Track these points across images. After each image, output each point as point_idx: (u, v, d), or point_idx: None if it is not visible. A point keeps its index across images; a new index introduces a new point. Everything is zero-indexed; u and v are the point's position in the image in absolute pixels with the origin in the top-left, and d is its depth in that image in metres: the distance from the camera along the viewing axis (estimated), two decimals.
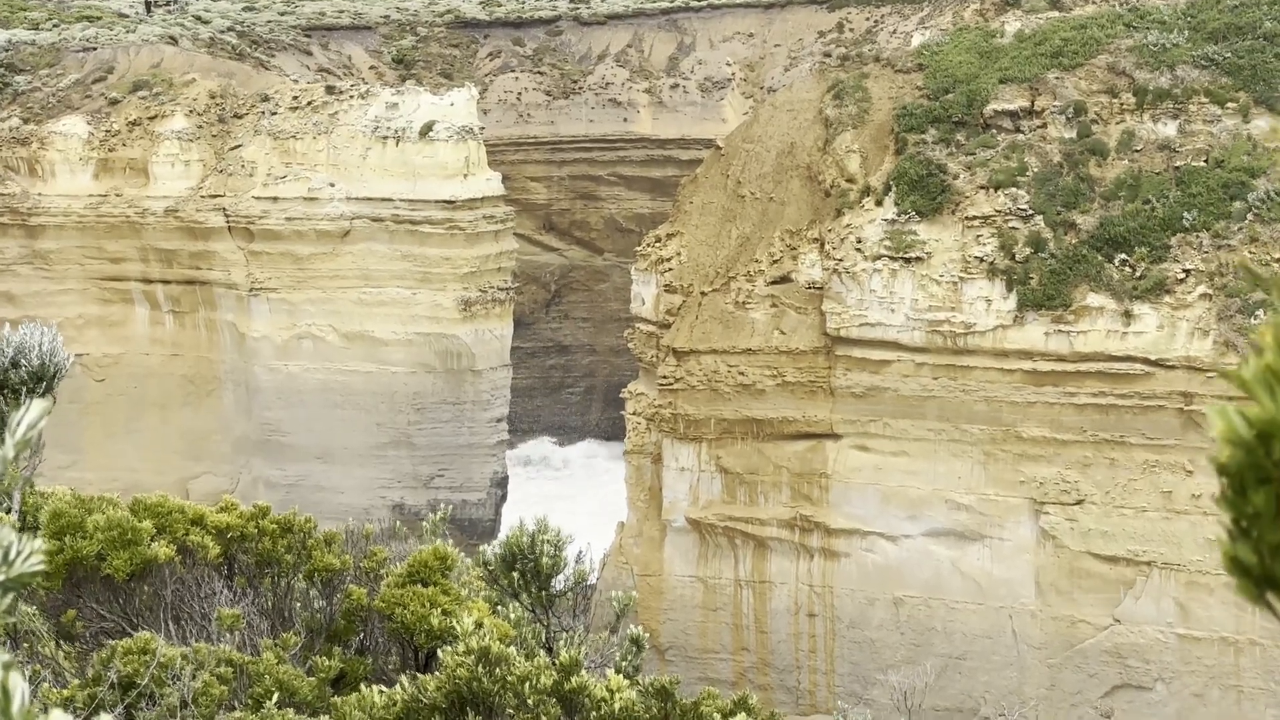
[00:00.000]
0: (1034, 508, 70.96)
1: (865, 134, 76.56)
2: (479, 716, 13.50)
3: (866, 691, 70.37)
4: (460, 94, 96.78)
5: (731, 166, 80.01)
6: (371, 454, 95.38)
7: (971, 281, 71.44)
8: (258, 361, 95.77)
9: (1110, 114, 74.71)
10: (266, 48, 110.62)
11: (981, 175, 73.22)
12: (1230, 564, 2.55)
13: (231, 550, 16.29)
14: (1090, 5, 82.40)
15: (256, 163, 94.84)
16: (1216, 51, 76.01)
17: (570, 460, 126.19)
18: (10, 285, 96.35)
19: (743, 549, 76.10)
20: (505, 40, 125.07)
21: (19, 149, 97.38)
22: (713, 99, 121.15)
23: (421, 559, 16.28)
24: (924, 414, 72.37)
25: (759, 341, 74.59)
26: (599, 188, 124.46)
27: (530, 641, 15.16)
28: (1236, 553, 2.52)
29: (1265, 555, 2.52)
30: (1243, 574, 2.53)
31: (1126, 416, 69.05)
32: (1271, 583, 2.55)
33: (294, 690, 13.77)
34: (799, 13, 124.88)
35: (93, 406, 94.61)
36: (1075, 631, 70.99)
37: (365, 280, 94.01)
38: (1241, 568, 2.52)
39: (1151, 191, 71.63)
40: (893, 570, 73.52)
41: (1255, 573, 2.53)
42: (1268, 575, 2.54)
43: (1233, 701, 67.21)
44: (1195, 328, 68.19)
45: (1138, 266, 69.75)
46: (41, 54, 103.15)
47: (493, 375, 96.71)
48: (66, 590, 15.39)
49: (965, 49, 79.21)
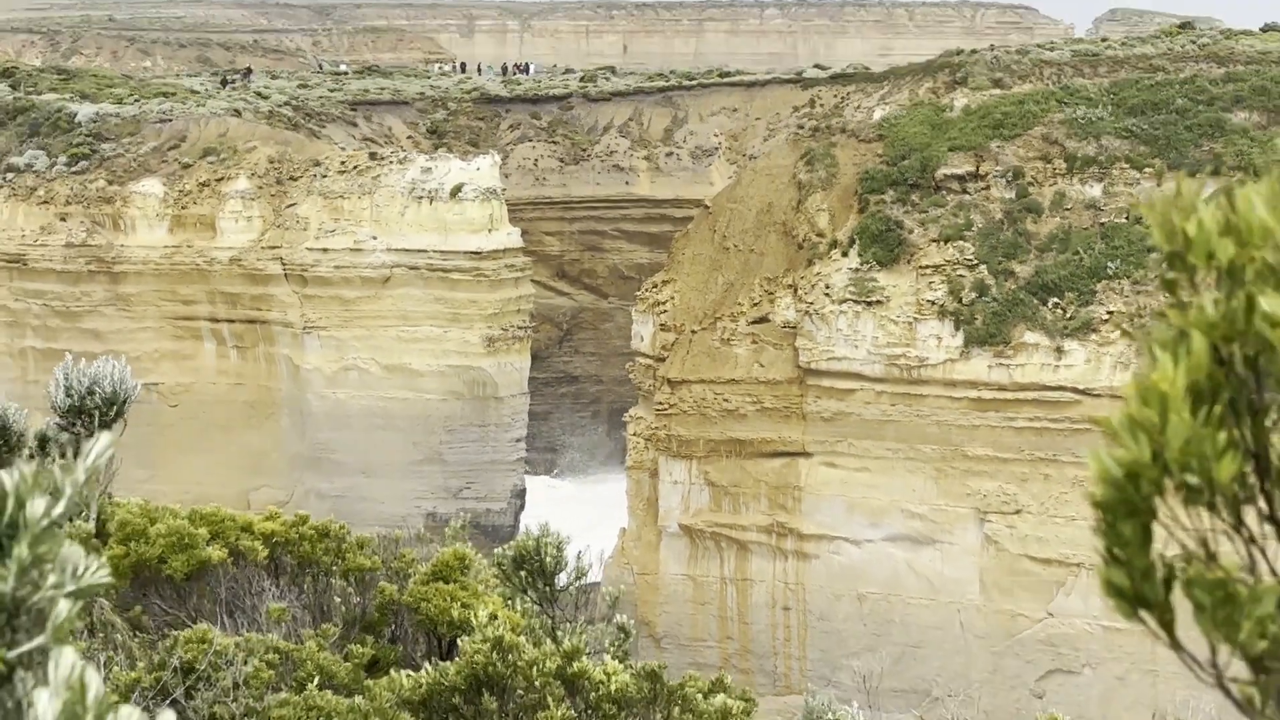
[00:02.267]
0: (979, 516, 70.94)
1: (833, 195, 76.61)
2: (493, 697, 13.46)
3: (834, 675, 70.30)
4: (485, 160, 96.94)
5: (718, 223, 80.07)
6: (408, 469, 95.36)
7: (924, 321, 71.49)
8: (310, 390, 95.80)
9: (1044, 177, 74.81)
10: (318, 120, 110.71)
11: (933, 230, 73.31)
12: (1106, 587, 2.59)
13: (277, 553, 16.26)
14: (1027, 84, 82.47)
15: (309, 219, 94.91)
16: (1135, 124, 76.17)
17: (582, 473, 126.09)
18: (97, 324, 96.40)
19: (727, 551, 76.07)
20: (524, 114, 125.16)
21: (105, 206, 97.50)
22: (702, 165, 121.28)
23: (444, 560, 16.25)
24: (884, 435, 72.38)
25: (741, 373, 74.60)
26: (604, 241, 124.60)
27: (538, 631, 15.12)
28: (1111, 577, 2.56)
29: (1136, 578, 2.57)
30: (1117, 595, 2.58)
31: (1058, 438, 69.04)
32: (1143, 602, 2.59)
33: (333, 674, 13.73)
34: (776, 90, 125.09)
35: (167, 429, 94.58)
36: (1014, 623, 70.94)
37: (403, 320, 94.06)
38: (1116, 590, 2.57)
39: (1080, 244, 71.71)
40: (856, 570, 73.47)
41: (1128, 594, 2.59)
42: (1139, 596, 2.59)
43: (1150, 684, 67.12)
44: (1117, 361, 68.24)
45: (1068, 309, 69.79)
46: (124, 125, 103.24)
47: (513, 402, 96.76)
48: (134, 589, 15.37)
49: (919, 121, 79.28)
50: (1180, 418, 2.46)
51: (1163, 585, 2.58)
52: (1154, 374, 2.47)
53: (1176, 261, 2.55)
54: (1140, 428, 2.48)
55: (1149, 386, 2.47)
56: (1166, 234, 2.55)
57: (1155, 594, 2.59)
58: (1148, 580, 2.57)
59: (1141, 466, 2.49)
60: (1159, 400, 2.47)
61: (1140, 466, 2.49)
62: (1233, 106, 77.15)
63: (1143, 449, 2.49)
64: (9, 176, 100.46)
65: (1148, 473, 2.50)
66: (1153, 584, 2.58)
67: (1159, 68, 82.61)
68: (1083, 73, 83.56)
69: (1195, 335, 2.50)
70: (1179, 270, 2.56)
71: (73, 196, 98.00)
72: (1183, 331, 2.52)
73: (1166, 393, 2.46)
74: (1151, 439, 2.49)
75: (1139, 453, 2.49)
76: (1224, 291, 2.52)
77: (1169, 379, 2.46)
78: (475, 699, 13.50)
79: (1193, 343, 2.49)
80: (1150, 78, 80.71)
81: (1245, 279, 2.50)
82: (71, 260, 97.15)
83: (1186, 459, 2.48)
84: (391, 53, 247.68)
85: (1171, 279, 2.58)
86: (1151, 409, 2.47)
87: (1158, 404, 2.47)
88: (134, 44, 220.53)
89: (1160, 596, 2.60)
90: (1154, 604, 2.60)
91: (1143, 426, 2.48)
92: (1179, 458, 2.48)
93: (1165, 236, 2.56)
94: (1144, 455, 2.49)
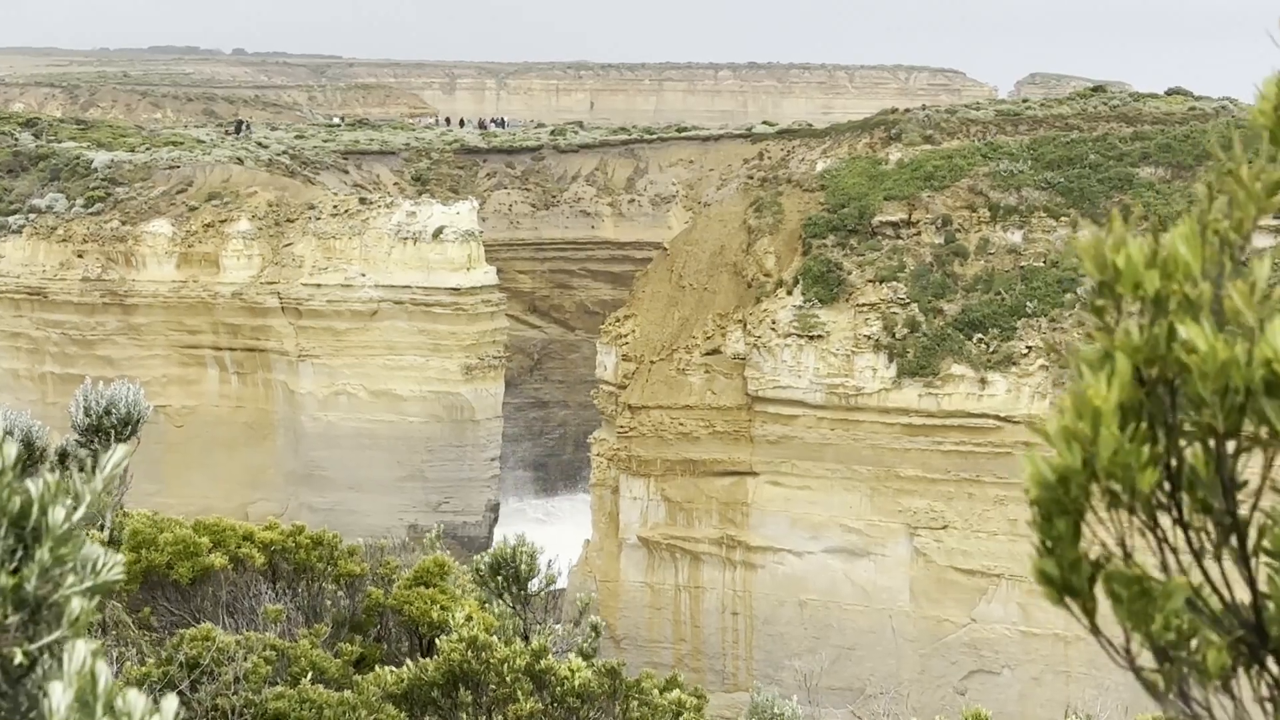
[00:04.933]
0: (909, 531, 71.01)
1: (779, 239, 76.73)
2: (468, 691, 13.44)
3: (777, 674, 70.21)
4: (464, 205, 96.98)
5: (675, 264, 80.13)
6: (393, 485, 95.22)
7: (861, 354, 71.61)
8: (304, 412, 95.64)
9: (970, 225, 75.07)
10: (313, 167, 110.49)
11: (869, 272, 73.46)
12: (1038, 575, 2.63)
13: (274, 560, 16.22)
14: (955, 140, 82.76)
15: (304, 257, 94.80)
16: (1053, 177, 76.52)
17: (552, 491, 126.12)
18: (110, 351, 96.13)
19: (681, 561, 76.00)
20: (500, 164, 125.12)
21: (118, 245, 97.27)
22: (661, 211, 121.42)
23: (425, 566, 16.25)
24: (823, 457, 72.44)
25: (695, 399, 74.63)
26: (572, 279, 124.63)
27: (510, 632, 15.09)
28: (1043, 567, 2.59)
29: (1065, 569, 2.61)
30: (1048, 583, 2.62)
31: (982, 460, 69.20)
32: (1070, 590, 2.64)
33: (324, 670, 13.69)
34: (728, 144, 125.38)
35: (174, 447, 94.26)
36: (941, 628, 71.00)
37: (389, 349, 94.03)
38: (1047, 578, 2.61)
39: (1002, 285, 71.92)
40: (798, 579, 73.47)
41: (1057, 583, 2.63)
42: (1066, 585, 2.63)
43: (1063, 684, 67.21)
44: (1035, 391, 68.44)
45: (991, 343, 69.97)
46: (136, 170, 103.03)
47: (489, 424, 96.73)
48: (144, 592, 15.31)
49: (858, 173, 79.52)
50: (1110, 431, 2.48)
51: (1087, 578, 2.61)
52: (1089, 390, 2.48)
53: (1105, 290, 2.57)
54: (1074, 437, 2.50)
55: (1084, 401, 2.48)
56: (1098, 264, 2.57)
57: (1081, 584, 2.63)
58: (1075, 571, 2.61)
59: (1073, 472, 2.52)
60: (1092, 414, 2.49)
61: (1071, 472, 2.52)
62: (1140, 162, 77.60)
63: (1075, 456, 2.51)
64: (31, 217, 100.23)
65: (1077, 477, 2.53)
66: (1079, 575, 2.62)
67: (1074, 126, 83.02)
68: (1005, 130, 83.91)
69: (1120, 357, 2.52)
70: (1107, 298, 2.58)
71: (89, 235, 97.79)
72: (1108, 354, 2.53)
73: (1099, 408, 2.48)
74: (1083, 448, 2.51)
75: (1071, 459, 2.51)
76: (1148, 319, 2.54)
77: (1102, 396, 2.48)
78: (452, 693, 13.49)
79: (1117, 364, 2.51)
80: (1066, 135, 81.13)
81: (1168, 309, 2.52)
82: (88, 293, 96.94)
83: (1113, 468, 2.51)
84: (380, 107, 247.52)
85: (1100, 305, 2.59)
86: (1085, 421, 2.49)
87: (1090, 417, 2.49)
88: (146, 97, 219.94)
89: (1085, 587, 2.64)
90: (1079, 593, 2.65)
91: (1076, 436, 2.51)
92: (1107, 467, 2.50)
93: (1097, 267, 2.57)
94: (1075, 462, 2.52)
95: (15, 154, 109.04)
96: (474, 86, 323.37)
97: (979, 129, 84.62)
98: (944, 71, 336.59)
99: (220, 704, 12.46)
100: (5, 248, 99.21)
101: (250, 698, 12.52)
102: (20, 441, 13.59)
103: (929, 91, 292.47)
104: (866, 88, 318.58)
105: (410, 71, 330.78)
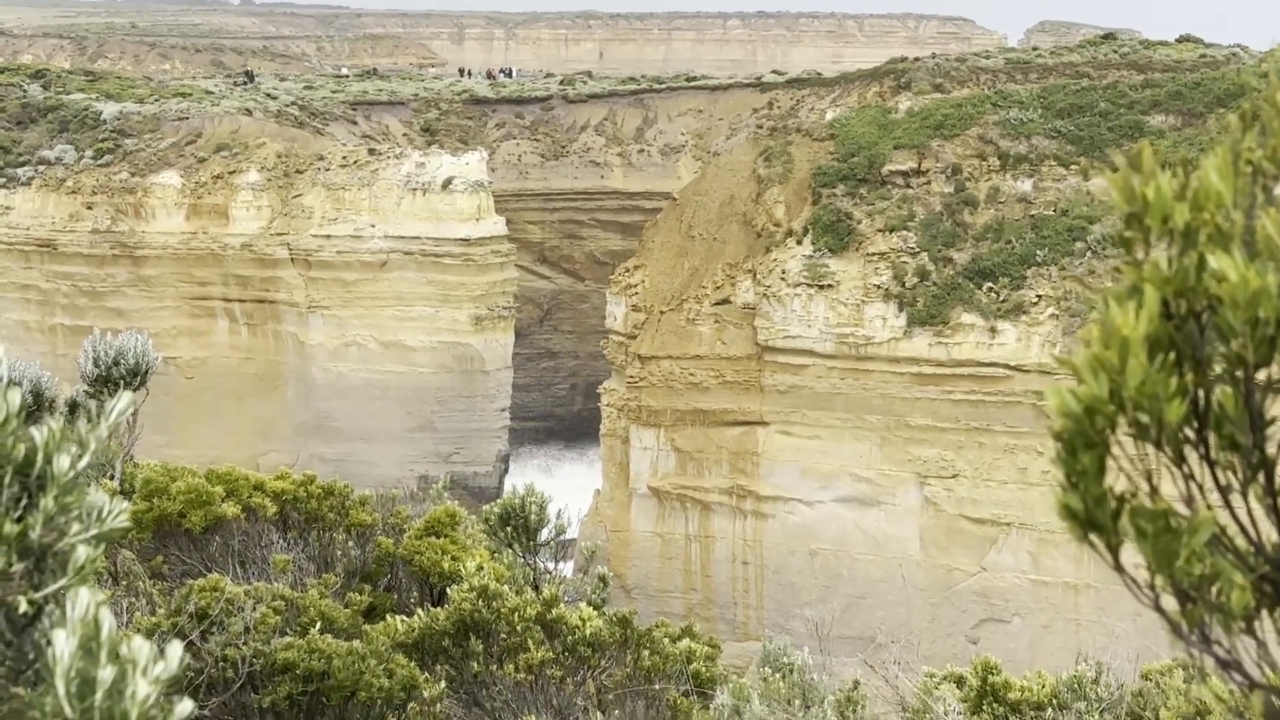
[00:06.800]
0: (919, 480, 71.07)
1: (789, 188, 76.57)
2: (479, 640, 13.43)
3: (788, 623, 70.32)
4: (474, 156, 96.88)
5: (684, 214, 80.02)
6: (403, 436, 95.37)
7: (871, 304, 71.53)
8: (314, 363, 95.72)
9: (980, 174, 74.89)
10: (322, 118, 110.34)
11: (879, 221, 73.33)
12: (1062, 510, 2.58)
13: (285, 510, 16.20)
14: (965, 89, 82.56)
15: (314, 208, 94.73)
16: (1063, 125, 76.28)
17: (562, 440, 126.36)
18: (120, 303, 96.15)
19: (692, 511, 76.12)
20: (509, 114, 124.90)
21: (128, 197, 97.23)
22: (670, 161, 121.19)
23: (435, 516, 16.22)
24: (833, 407, 72.45)
25: (705, 350, 74.61)
26: (581, 229, 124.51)
27: (520, 581, 15.08)
28: (1068, 501, 2.56)
29: (1089, 504, 2.57)
30: (1072, 518, 2.57)
31: (992, 410, 69.20)
32: (1094, 525, 2.59)
33: (334, 620, 13.68)
34: (738, 94, 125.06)
35: (184, 398, 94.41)
36: (951, 577, 71.11)
37: (399, 300, 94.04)
38: (1071, 513, 2.57)
39: (1012, 234, 71.79)
40: (808, 528, 73.57)
41: (1081, 518, 2.59)
42: (1090, 519, 2.59)
43: (1072, 632, 67.31)
44: (1045, 340, 68.37)
45: (1001, 292, 69.88)
46: (145, 122, 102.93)
47: (498, 375, 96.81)
48: (156, 541, 15.31)
49: (867, 122, 79.31)
50: (1138, 360, 2.43)
51: (1111, 513, 2.57)
52: (1117, 320, 2.43)
53: (1134, 222, 2.51)
54: (1101, 367, 2.45)
55: (1112, 330, 2.43)
56: (1126, 196, 2.51)
57: (1105, 520, 2.59)
58: (1100, 506, 2.57)
59: (1099, 402, 2.48)
60: (1120, 343, 2.43)
61: (1098, 402, 2.48)
62: (1150, 110, 77.35)
63: (1102, 386, 2.47)
64: (40, 169, 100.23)
65: (1104, 408, 2.48)
66: (1104, 510, 2.58)
67: (1084, 74, 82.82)
68: (1015, 79, 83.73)
69: (1148, 289, 2.46)
70: (1135, 231, 2.52)
71: (98, 187, 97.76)
72: (1135, 286, 2.47)
73: (1128, 337, 2.43)
74: (1110, 378, 2.46)
75: (1098, 389, 2.47)
76: (1176, 251, 2.48)
77: (1130, 325, 2.43)
78: (463, 642, 13.48)
79: (1146, 296, 2.45)
80: (1076, 83, 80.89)
81: (1198, 241, 2.46)
82: (97, 245, 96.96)
83: (1141, 398, 2.46)
84: (389, 57, 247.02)
85: (1128, 237, 2.54)
86: (1112, 351, 2.44)
87: (1119, 347, 2.43)
88: (154, 49, 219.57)
89: (1109, 523, 2.59)
90: (1103, 529, 2.60)
91: (1104, 366, 2.46)
92: (1134, 397, 2.46)
93: (1125, 198, 2.51)
94: (1102, 392, 2.47)
95: (24, 105, 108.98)
96: (482, 36, 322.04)
97: (989, 77, 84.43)
98: (953, 19, 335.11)
99: (230, 654, 12.46)
100: (14, 199, 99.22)
101: (260, 648, 12.51)
102: (29, 392, 13.55)
103: (938, 40, 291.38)
104: (876, 36, 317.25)
105: (418, 21, 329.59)
